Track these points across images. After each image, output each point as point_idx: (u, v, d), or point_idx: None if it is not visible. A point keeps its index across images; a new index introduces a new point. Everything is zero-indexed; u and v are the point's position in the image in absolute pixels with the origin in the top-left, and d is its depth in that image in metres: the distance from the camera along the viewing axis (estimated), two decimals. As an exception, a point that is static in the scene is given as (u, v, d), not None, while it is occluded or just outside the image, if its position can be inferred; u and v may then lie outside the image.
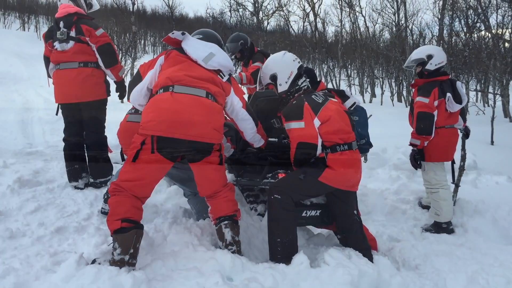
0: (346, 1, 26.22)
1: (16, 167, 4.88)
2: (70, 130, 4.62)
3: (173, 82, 3.01)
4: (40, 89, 16.98)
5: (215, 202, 3.30)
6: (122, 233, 2.79)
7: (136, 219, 2.89)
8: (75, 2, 4.58)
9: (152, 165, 2.94)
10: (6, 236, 3.30)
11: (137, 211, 2.92)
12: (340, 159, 3.26)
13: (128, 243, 2.80)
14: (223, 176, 3.36)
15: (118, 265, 2.73)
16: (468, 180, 5.83)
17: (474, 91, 21.39)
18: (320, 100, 3.39)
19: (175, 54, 3.22)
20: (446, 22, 18.12)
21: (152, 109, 2.97)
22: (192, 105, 2.95)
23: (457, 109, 4.53)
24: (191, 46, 3.24)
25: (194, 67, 3.14)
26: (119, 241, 2.80)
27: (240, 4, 21.85)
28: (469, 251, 4.02)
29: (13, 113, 12.06)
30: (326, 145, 3.28)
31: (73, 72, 4.39)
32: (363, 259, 3.26)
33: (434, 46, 4.81)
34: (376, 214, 4.77)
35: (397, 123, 12.45)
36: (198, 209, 3.86)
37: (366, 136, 4.01)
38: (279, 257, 3.22)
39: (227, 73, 3.30)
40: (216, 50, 3.25)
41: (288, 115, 3.39)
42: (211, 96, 3.06)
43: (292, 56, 3.63)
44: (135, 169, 2.91)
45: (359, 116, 3.98)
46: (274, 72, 3.54)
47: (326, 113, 3.28)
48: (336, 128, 3.28)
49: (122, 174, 2.95)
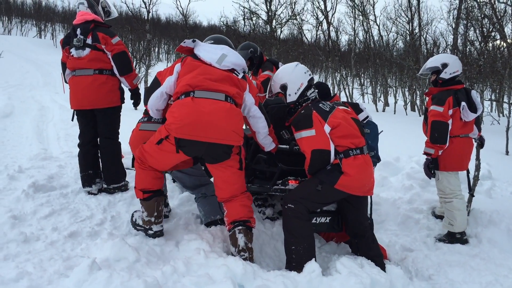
0: (360, 10, 26.20)
1: (31, 172, 4.93)
2: (85, 136, 4.66)
3: (193, 87, 3.14)
4: (55, 95, 17.22)
5: (231, 206, 3.37)
6: (145, 201, 3.44)
7: (156, 188, 3.46)
8: (93, 10, 4.63)
9: (173, 155, 3.24)
10: (21, 240, 3.33)
11: (156, 181, 3.46)
12: (354, 163, 3.30)
13: (151, 208, 3.45)
14: (242, 182, 3.43)
15: (147, 224, 3.45)
16: (483, 190, 5.76)
17: (489, 101, 21.19)
18: (327, 108, 3.47)
19: (190, 60, 3.34)
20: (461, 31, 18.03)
21: (175, 113, 3.12)
22: (212, 109, 3.08)
23: (472, 118, 4.49)
24: (203, 50, 3.37)
25: (210, 69, 3.26)
26: (144, 207, 3.47)
27: (254, 13, 21.95)
28: (483, 262, 3.96)
29: (28, 119, 12.23)
30: (339, 150, 3.33)
31: (88, 79, 4.44)
32: (376, 268, 3.24)
33: (450, 55, 4.75)
34: (388, 224, 4.73)
35: (411, 132, 12.38)
36: (206, 211, 3.88)
37: (375, 149, 4.05)
38: (294, 264, 3.25)
39: (241, 71, 3.42)
40: (228, 51, 3.38)
41: (298, 125, 3.44)
42: (230, 99, 3.19)
43: (304, 68, 3.70)
44: (159, 149, 3.25)
45: (370, 129, 4.08)
46: (285, 82, 3.62)
47: (334, 119, 3.36)
48: (346, 132, 3.35)
49: (147, 145, 3.33)
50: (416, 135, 8.79)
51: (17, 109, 13.65)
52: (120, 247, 3.08)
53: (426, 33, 24.58)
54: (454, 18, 17.20)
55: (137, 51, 23.89)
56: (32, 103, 15.33)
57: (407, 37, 24.99)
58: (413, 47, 22.98)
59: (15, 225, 3.57)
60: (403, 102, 24.60)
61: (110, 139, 4.61)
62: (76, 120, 4.73)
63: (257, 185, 3.97)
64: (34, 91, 19.01)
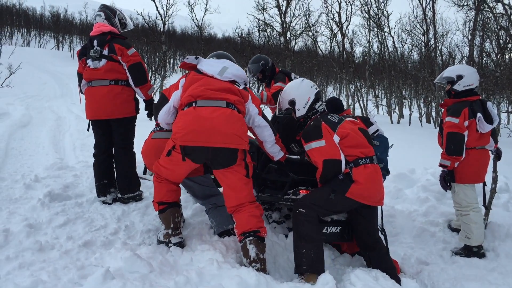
0: (375, 22, 26.15)
1: (47, 181, 4.99)
2: (100, 146, 4.70)
3: (195, 98, 3.28)
4: (72, 106, 17.45)
5: (240, 217, 3.39)
6: (161, 213, 3.59)
7: (171, 201, 3.58)
8: (110, 21, 4.70)
9: (182, 164, 3.34)
10: (36, 249, 3.36)
11: (171, 194, 3.59)
12: (364, 172, 3.37)
13: (167, 220, 3.58)
14: (249, 190, 3.45)
15: (166, 238, 3.56)
16: (500, 203, 5.66)
17: (506, 113, 20.92)
18: (336, 120, 3.57)
19: (193, 75, 3.49)
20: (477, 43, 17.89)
21: (179, 123, 3.25)
22: (213, 115, 3.18)
23: (488, 130, 4.44)
24: (206, 65, 3.53)
25: (211, 81, 3.40)
26: (161, 220, 3.63)
27: (268, 25, 22.01)
28: (501, 276, 3.89)
29: (45, 129, 12.40)
30: (349, 159, 3.41)
31: (104, 90, 4.49)
32: (390, 281, 3.20)
33: (469, 67, 4.69)
34: (404, 236, 4.66)
35: (426, 144, 12.26)
36: (218, 221, 3.89)
37: (385, 161, 4.06)
38: (304, 267, 3.28)
39: (242, 83, 3.54)
40: (229, 64, 3.54)
41: (307, 136, 3.53)
42: (231, 105, 3.29)
43: (310, 82, 3.84)
44: (170, 160, 3.38)
45: (380, 142, 4.12)
46: (293, 97, 3.74)
47: (343, 130, 3.45)
48: (355, 142, 3.44)
49: (161, 159, 3.47)
50: (431, 147, 8.70)
51: (34, 119, 13.86)
52: (134, 257, 3.09)
53: (441, 44, 24.40)
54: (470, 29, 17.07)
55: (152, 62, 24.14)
56: (49, 113, 15.56)
57: (422, 48, 24.86)
58: (428, 58, 22.84)
59: (30, 234, 3.61)
60: (418, 114, 24.40)
61: (125, 149, 4.64)
62: (91, 130, 4.78)
63: (268, 195, 4.00)
64: (51, 101, 19.30)
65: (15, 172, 6.63)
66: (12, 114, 14.47)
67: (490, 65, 18.08)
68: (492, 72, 15.73)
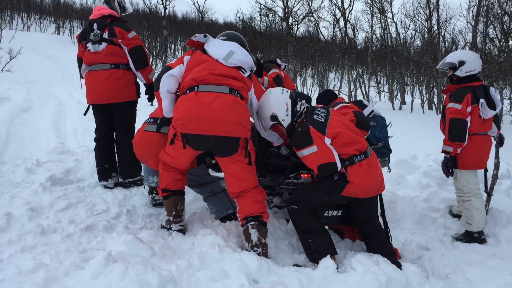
0: (378, 7, 25.94)
1: (48, 166, 4.99)
2: (101, 131, 4.69)
3: (197, 82, 3.18)
4: (73, 91, 17.38)
5: (243, 202, 3.37)
6: (164, 199, 3.61)
7: (175, 189, 3.58)
8: (109, 5, 4.66)
9: (185, 151, 3.31)
10: (38, 232, 3.37)
11: (176, 182, 3.57)
12: (359, 172, 3.33)
13: (170, 207, 3.60)
14: (252, 177, 3.42)
15: (168, 224, 3.60)
16: (502, 189, 5.66)
17: (509, 99, 20.84)
18: (322, 118, 3.43)
19: (198, 54, 3.39)
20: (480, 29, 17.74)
21: (180, 108, 3.17)
22: (216, 102, 3.10)
23: (490, 115, 4.41)
24: (213, 46, 3.40)
25: (216, 65, 3.29)
26: (164, 205, 3.67)
27: (270, 9, 21.83)
28: (501, 262, 3.90)
29: (46, 113, 12.38)
30: (344, 158, 3.36)
31: (104, 74, 4.46)
32: (391, 266, 3.22)
33: (472, 52, 4.63)
34: (405, 222, 4.67)
35: (428, 131, 12.26)
36: (218, 207, 3.90)
37: (383, 140, 4.05)
38: (316, 255, 3.32)
39: (248, 69, 3.43)
40: (236, 48, 3.40)
41: (298, 144, 3.43)
42: (234, 91, 3.21)
43: (278, 89, 3.60)
44: (173, 148, 3.35)
45: (376, 122, 4.13)
46: (271, 112, 3.48)
47: (333, 130, 3.35)
48: (347, 140, 3.36)
49: (166, 149, 3.45)
50: (433, 133, 8.69)
51: (35, 104, 13.83)
52: (136, 241, 3.10)
53: (444, 30, 24.25)
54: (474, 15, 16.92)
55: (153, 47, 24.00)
56: (50, 98, 15.51)
57: (425, 34, 24.68)
58: (431, 44, 22.69)
59: (32, 218, 3.61)
60: (420, 100, 24.31)
61: (126, 134, 4.63)
62: (92, 115, 4.77)
63: (269, 179, 4.00)
64: (52, 86, 19.22)
65: (17, 156, 6.63)
66: (13, 99, 14.44)
67: (493, 51, 17.95)
68: (496, 58, 15.64)
